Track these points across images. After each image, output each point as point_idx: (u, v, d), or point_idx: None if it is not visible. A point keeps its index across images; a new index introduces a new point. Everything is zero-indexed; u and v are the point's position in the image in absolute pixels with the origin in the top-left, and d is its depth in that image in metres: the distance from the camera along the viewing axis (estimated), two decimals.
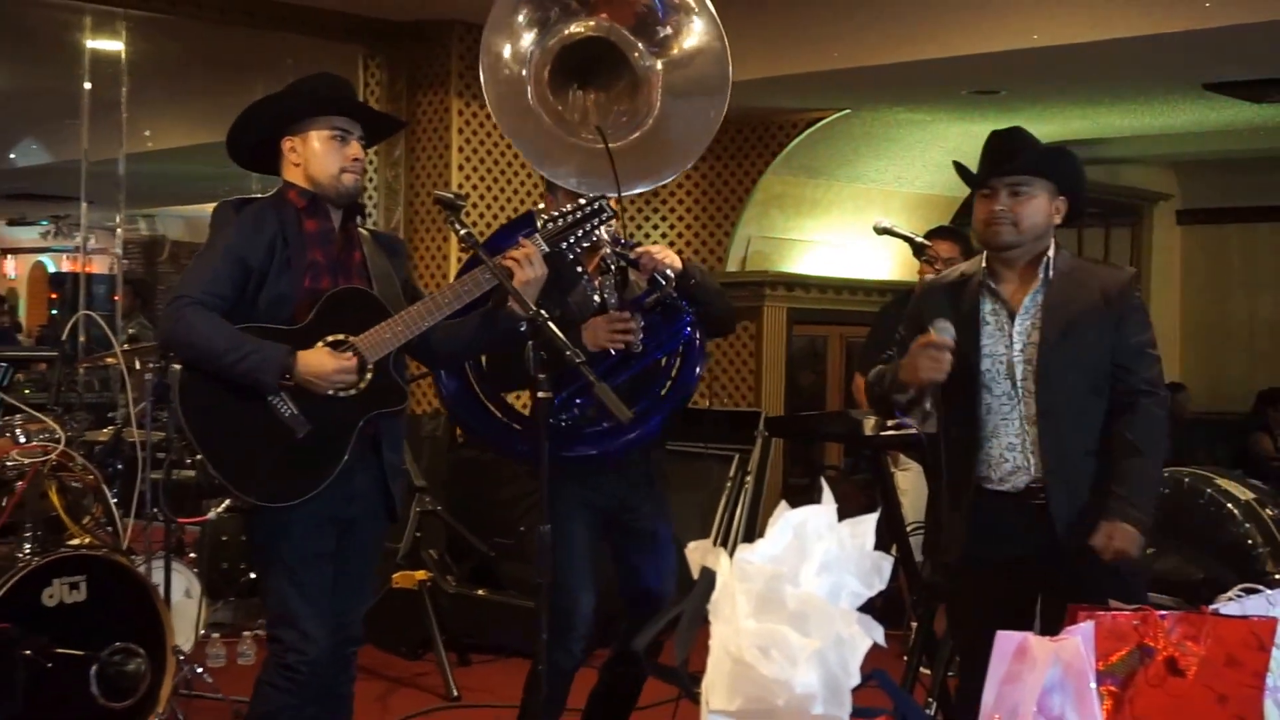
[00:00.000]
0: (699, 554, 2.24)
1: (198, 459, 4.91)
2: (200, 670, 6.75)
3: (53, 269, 22.21)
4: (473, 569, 8.75)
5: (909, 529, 6.33)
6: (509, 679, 6.79)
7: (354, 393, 4.61)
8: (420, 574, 8.02)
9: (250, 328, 4.59)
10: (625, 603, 5.45)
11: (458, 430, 9.23)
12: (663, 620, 4.50)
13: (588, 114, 5.37)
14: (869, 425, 6.09)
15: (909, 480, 7.21)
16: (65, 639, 5.70)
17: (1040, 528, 4.51)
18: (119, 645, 5.83)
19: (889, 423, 6.07)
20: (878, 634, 2.11)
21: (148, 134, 12.65)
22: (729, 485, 8.98)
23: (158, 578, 6.67)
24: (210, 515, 6.97)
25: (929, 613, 5.89)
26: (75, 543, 6.21)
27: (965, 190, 7.37)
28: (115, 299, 11.52)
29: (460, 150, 10.07)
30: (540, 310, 4.56)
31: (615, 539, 5.40)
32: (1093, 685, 2.35)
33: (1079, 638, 2.38)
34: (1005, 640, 2.35)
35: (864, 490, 8.72)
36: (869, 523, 2.20)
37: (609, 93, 5.42)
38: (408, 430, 8.35)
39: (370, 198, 10.40)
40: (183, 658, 6.39)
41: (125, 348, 7.34)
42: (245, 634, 7.78)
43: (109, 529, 6.77)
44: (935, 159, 11.71)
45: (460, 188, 9.83)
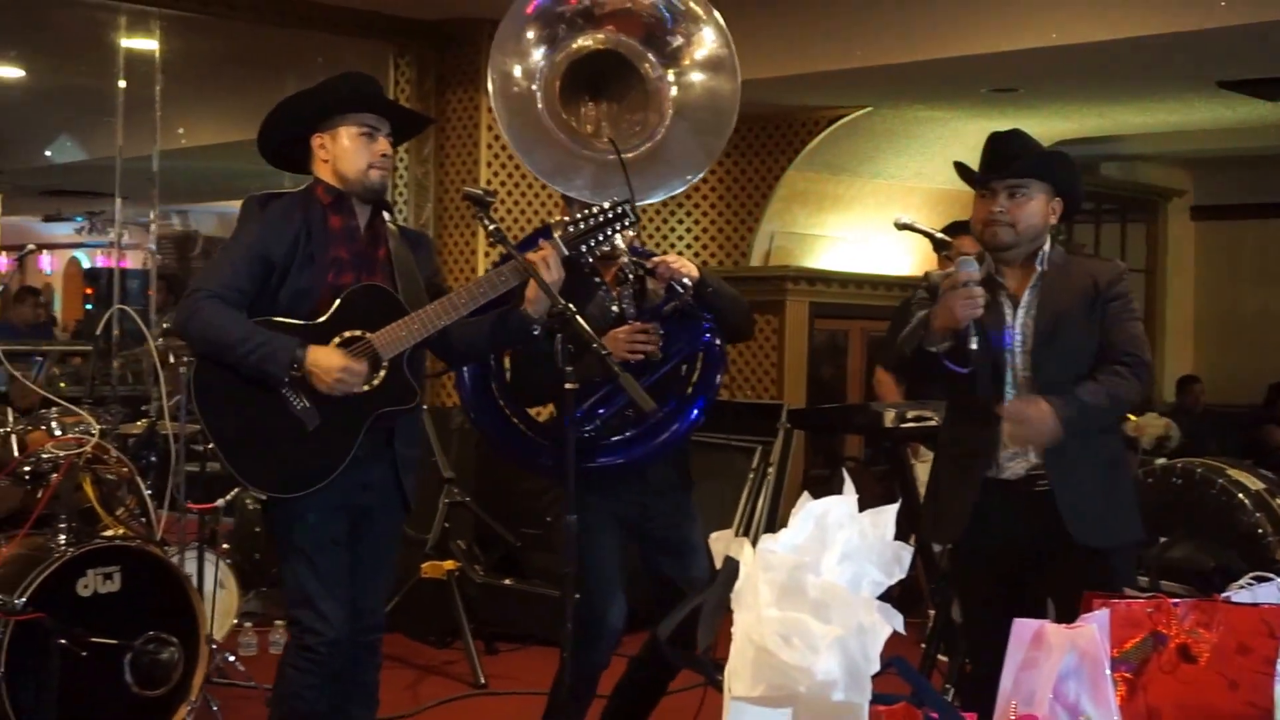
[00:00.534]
0: (722, 544, 2.26)
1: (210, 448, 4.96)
2: (232, 659, 6.84)
3: (87, 264, 22.08)
4: (500, 559, 8.79)
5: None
6: (535, 667, 6.84)
7: (366, 388, 4.64)
8: (449, 564, 8.07)
9: (268, 321, 4.64)
10: (658, 606, 5.38)
11: None
12: (687, 608, 4.63)
13: (600, 126, 5.40)
14: (889, 417, 6.17)
15: (928, 471, 7.26)
16: (99, 628, 5.71)
17: (1038, 514, 4.58)
18: (152, 634, 5.87)
19: (909, 414, 6.18)
20: (897, 622, 2.11)
21: (181, 131, 12.58)
22: (751, 476, 8.93)
23: (191, 568, 6.72)
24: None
25: (946, 601, 5.97)
26: (109, 534, 6.23)
27: None
28: (150, 294, 11.51)
29: (489, 147, 10.08)
30: (568, 305, 4.57)
31: (643, 547, 5.41)
32: (1107, 672, 2.31)
33: (1094, 625, 2.33)
34: (1022, 627, 2.33)
35: (884, 481, 8.72)
36: (889, 513, 2.20)
37: (621, 104, 5.44)
38: (437, 423, 8.50)
39: (400, 194, 10.42)
40: (215, 646, 6.43)
41: (159, 342, 7.40)
42: (277, 623, 7.74)
43: (142, 520, 6.78)
44: (954, 155, 11.59)
45: (489, 184, 9.82)
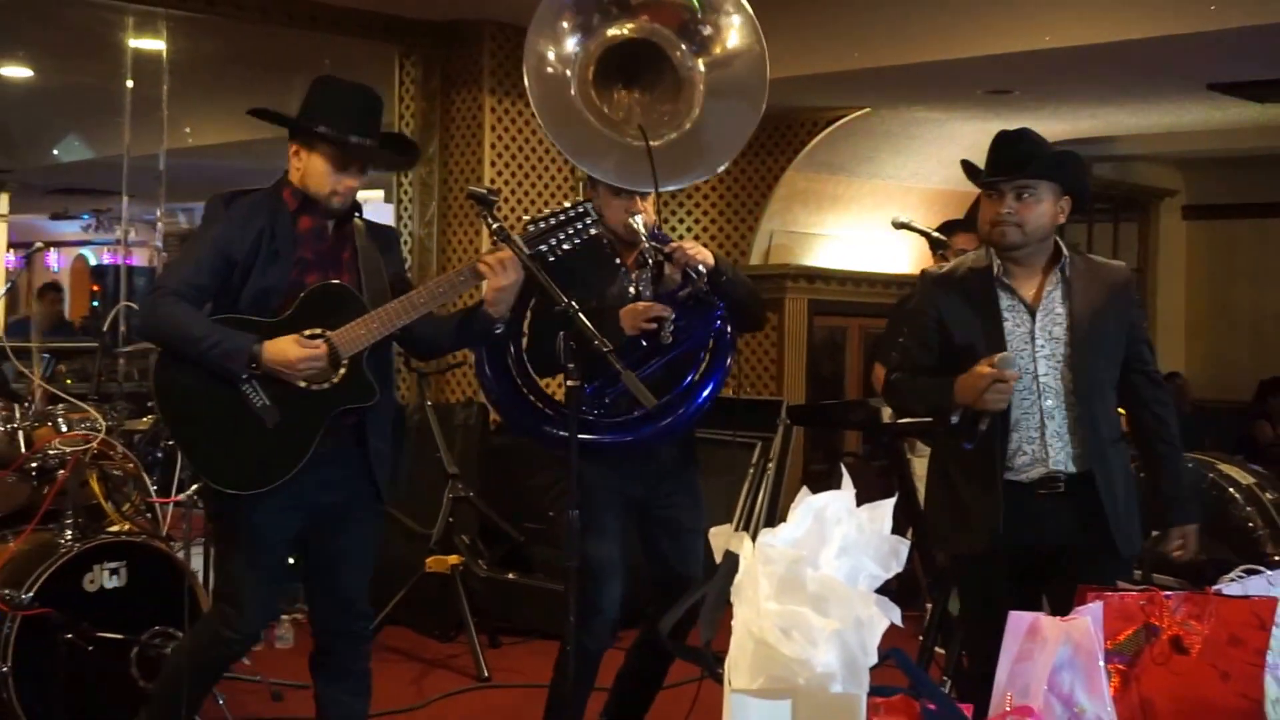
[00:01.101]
0: (721, 539, 2.29)
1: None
2: None
3: (94, 262, 22.10)
4: (504, 553, 8.82)
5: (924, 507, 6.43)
6: (538, 660, 6.83)
7: (326, 386, 4.67)
8: (453, 558, 8.09)
9: (230, 319, 4.66)
10: (654, 588, 5.50)
11: (490, 418, 9.27)
12: (687, 603, 4.73)
13: (632, 113, 5.41)
14: (887, 413, 6.21)
15: (925, 466, 7.26)
16: (106, 623, 5.75)
17: (1055, 516, 4.62)
18: (158, 629, 5.85)
19: None
20: (895, 615, 2.12)
21: (188, 131, 12.43)
22: (752, 471, 8.92)
23: (197, 563, 6.74)
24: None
25: (944, 594, 6.02)
26: (115, 529, 6.23)
27: None
28: None
29: (493, 147, 10.11)
30: (571, 302, 4.64)
31: (645, 527, 5.46)
32: (1101, 663, 2.33)
33: (1089, 618, 2.36)
34: (1018, 620, 2.35)
35: (881, 476, 8.72)
36: (886, 507, 2.21)
37: (653, 93, 5.46)
38: (441, 418, 8.55)
39: (405, 193, 10.47)
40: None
41: None
42: (283, 617, 7.84)
43: (148, 516, 6.75)
44: (951, 156, 11.51)
45: (493, 183, 9.85)
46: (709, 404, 5.42)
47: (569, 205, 4.82)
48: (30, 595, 5.63)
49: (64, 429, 6.42)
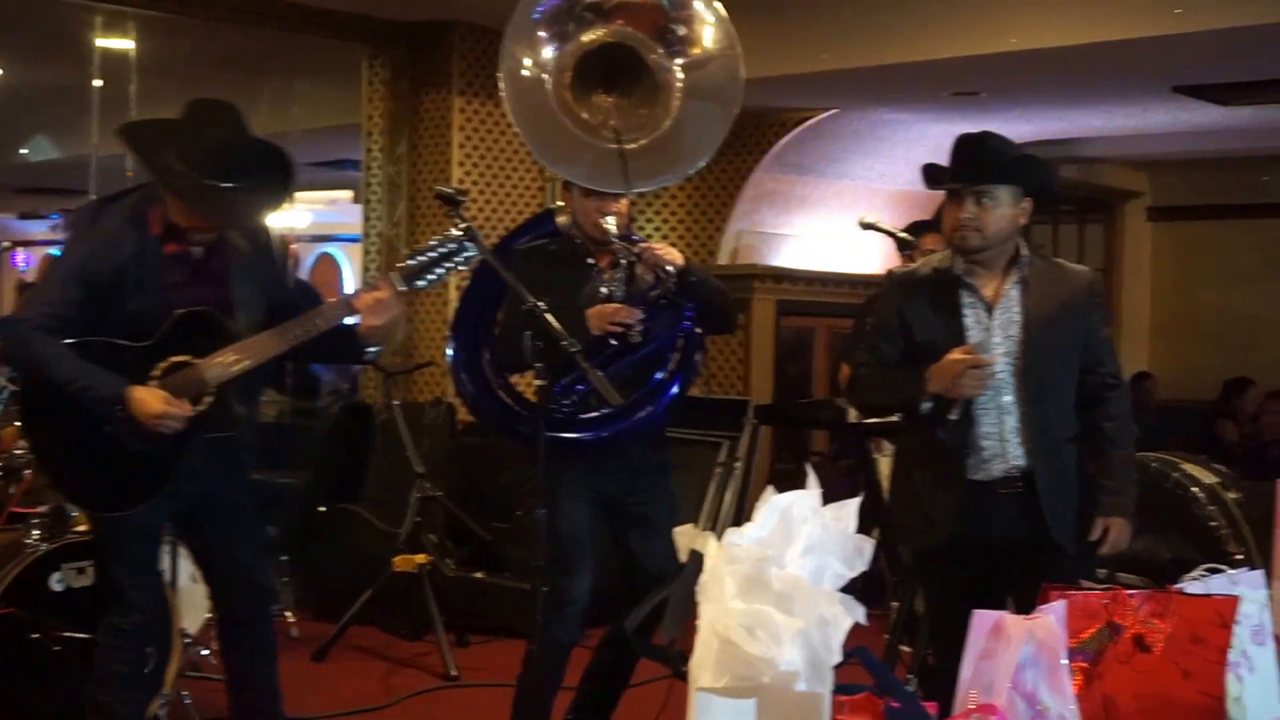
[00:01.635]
0: (687, 538, 2.24)
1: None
2: (206, 652, 6.71)
3: None
4: (471, 552, 8.83)
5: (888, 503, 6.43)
6: (506, 659, 6.83)
7: (192, 414, 4.59)
8: (420, 558, 8.07)
9: (96, 342, 4.60)
10: (624, 585, 5.53)
11: (458, 417, 9.32)
12: (653, 602, 4.75)
13: (610, 117, 5.40)
14: (854, 413, 6.26)
15: (891, 465, 7.31)
16: (73, 623, 5.66)
17: (1014, 513, 4.65)
18: None
19: None
20: (859, 613, 2.11)
21: None
22: (719, 470, 8.84)
23: (163, 563, 6.78)
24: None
25: (910, 593, 6.01)
26: (82, 529, 6.00)
27: None
28: None
29: (461, 147, 10.14)
30: (538, 303, 4.69)
31: (616, 523, 5.47)
32: (1064, 661, 2.30)
33: (1052, 616, 2.32)
34: (981, 618, 2.31)
35: (847, 475, 8.68)
36: (852, 507, 2.20)
37: (631, 96, 5.45)
38: (409, 417, 8.55)
39: (374, 193, 10.50)
40: (188, 640, 6.36)
41: None
42: None
43: None
44: (919, 157, 11.48)
45: (461, 183, 9.86)
46: (678, 401, 5.47)
47: (452, 234, 4.75)
48: None
49: None
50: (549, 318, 4.68)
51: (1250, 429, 12.58)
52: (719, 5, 5.42)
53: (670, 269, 5.20)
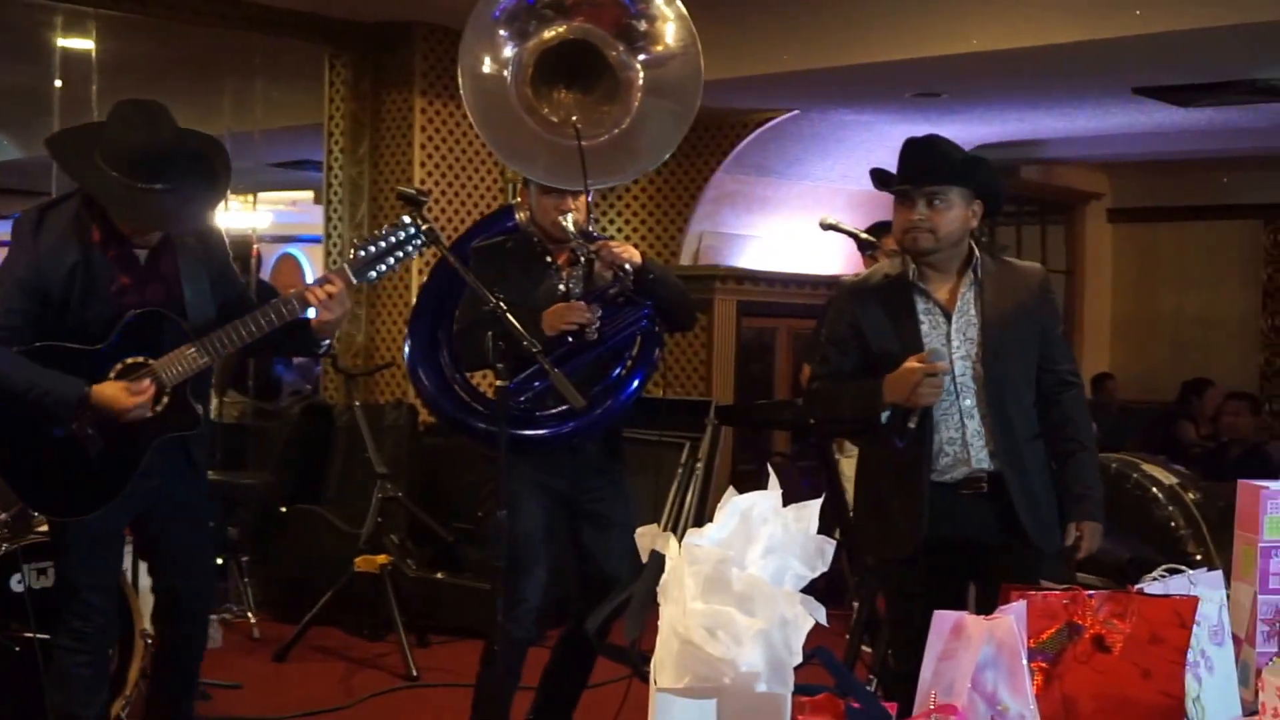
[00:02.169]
0: (648, 539, 2.25)
1: None
2: None
3: None
4: (433, 553, 8.83)
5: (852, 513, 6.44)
6: (466, 659, 6.76)
7: (150, 415, 4.64)
8: (382, 558, 8.10)
9: (50, 346, 4.59)
10: (579, 584, 5.54)
11: (420, 419, 9.31)
12: (614, 602, 4.75)
13: (571, 114, 5.41)
14: None
15: (853, 467, 7.27)
16: (33, 623, 5.52)
17: (980, 514, 4.66)
18: None
19: None
20: (820, 614, 2.12)
21: None
22: (680, 471, 8.85)
23: (125, 562, 6.56)
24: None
25: (870, 593, 6.03)
26: (44, 529, 5.94)
27: None
28: None
29: (423, 148, 10.11)
30: (499, 302, 4.70)
31: (572, 521, 5.47)
32: (1024, 662, 2.33)
33: (1012, 616, 2.35)
34: (942, 619, 2.34)
35: (809, 476, 8.71)
36: (813, 508, 2.21)
37: (592, 94, 5.47)
38: (370, 418, 8.54)
39: (335, 194, 10.48)
40: (150, 641, 6.16)
41: None
42: (212, 618, 7.70)
43: None
44: (879, 158, 11.47)
45: (423, 184, 9.84)
46: (635, 398, 5.47)
47: (398, 225, 4.80)
48: None
49: None
50: (510, 318, 4.69)
51: (1209, 430, 12.64)
52: (679, 3, 5.42)
53: (628, 267, 5.22)
